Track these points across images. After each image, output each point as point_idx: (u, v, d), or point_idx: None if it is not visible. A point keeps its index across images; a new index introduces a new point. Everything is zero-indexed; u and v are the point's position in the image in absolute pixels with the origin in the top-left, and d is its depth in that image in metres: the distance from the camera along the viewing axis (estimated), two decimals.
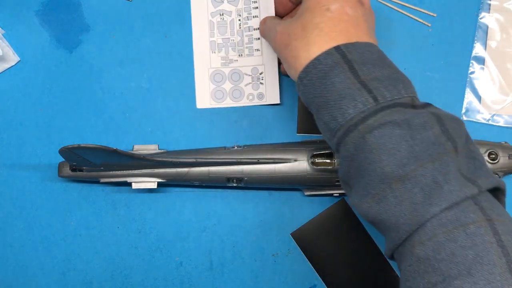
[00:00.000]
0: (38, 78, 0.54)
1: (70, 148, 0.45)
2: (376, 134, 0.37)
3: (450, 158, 0.36)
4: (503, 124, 0.54)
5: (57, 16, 0.54)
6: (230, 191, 0.54)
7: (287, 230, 0.54)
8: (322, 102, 0.39)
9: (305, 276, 0.54)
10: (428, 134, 0.36)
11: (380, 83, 0.38)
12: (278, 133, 0.54)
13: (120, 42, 0.54)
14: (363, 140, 0.37)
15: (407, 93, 0.39)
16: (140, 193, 0.54)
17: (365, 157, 0.37)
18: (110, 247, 0.54)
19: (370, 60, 0.39)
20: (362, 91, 0.38)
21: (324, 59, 0.39)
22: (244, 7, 0.53)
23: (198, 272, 0.54)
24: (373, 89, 0.38)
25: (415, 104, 0.39)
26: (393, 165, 0.36)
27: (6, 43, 0.53)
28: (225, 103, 0.54)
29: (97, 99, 0.54)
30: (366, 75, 0.38)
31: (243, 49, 0.54)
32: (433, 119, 0.37)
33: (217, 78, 0.54)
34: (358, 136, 0.37)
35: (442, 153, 0.36)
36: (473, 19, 0.54)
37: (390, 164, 0.36)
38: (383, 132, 0.37)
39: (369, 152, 0.37)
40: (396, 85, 0.38)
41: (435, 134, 0.37)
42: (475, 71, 0.54)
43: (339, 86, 0.38)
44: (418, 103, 0.39)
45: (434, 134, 0.37)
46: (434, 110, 0.39)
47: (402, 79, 0.39)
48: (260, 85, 0.54)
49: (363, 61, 0.39)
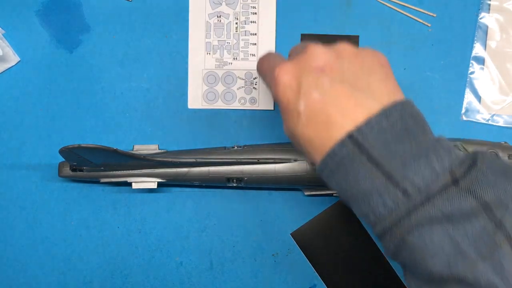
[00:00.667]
0: (38, 78, 0.54)
1: (70, 148, 0.45)
2: (415, 234, 0.33)
3: (503, 252, 0.31)
4: (503, 124, 0.54)
5: (57, 16, 0.54)
6: (230, 191, 0.54)
7: (287, 230, 0.54)
8: (349, 197, 0.35)
9: (305, 276, 0.54)
10: (473, 225, 0.31)
11: (407, 167, 0.33)
12: (278, 133, 0.54)
13: (120, 42, 0.54)
14: (403, 242, 0.33)
15: (442, 168, 0.33)
16: (140, 193, 0.54)
17: (409, 256, 0.34)
18: (110, 247, 0.54)
19: (392, 137, 0.33)
20: (387, 186, 0.33)
21: (339, 151, 0.34)
22: (242, 11, 0.53)
23: (198, 272, 0.54)
24: (400, 179, 0.33)
25: (456, 176, 0.33)
26: (439, 266, 0.32)
27: (6, 43, 0.53)
28: (216, 105, 0.54)
29: (97, 99, 0.54)
30: (390, 160, 0.33)
31: (238, 52, 0.54)
32: (477, 204, 0.32)
33: (210, 80, 0.54)
34: (397, 237, 0.33)
35: (493, 248, 0.31)
36: (473, 19, 0.54)
37: (436, 265, 0.32)
38: (422, 231, 0.32)
39: (411, 251, 0.33)
40: (429, 161, 0.33)
41: (481, 224, 0.31)
42: (475, 71, 0.54)
43: (362, 182, 0.34)
44: (459, 172, 0.33)
45: (480, 224, 0.31)
46: (481, 173, 0.33)
47: (434, 148, 0.34)
48: (253, 90, 0.54)
49: (384, 141, 0.33)
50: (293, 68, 0.37)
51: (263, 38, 0.54)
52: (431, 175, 0.33)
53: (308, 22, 0.54)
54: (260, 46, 0.54)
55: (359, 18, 0.54)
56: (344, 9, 0.54)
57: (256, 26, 0.53)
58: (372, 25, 0.54)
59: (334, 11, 0.54)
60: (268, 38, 0.54)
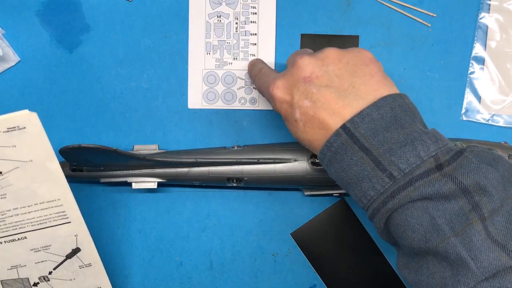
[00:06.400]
0: (38, 78, 0.54)
1: (70, 148, 0.45)
2: (399, 211, 0.37)
3: (474, 230, 0.34)
4: (503, 124, 0.54)
5: (57, 16, 0.54)
6: (230, 191, 0.54)
7: (287, 230, 0.54)
8: (344, 182, 0.39)
9: (305, 276, 0.54)
10: (451, 205, 0.35)
11: (393, 154, 0.37)
12: (278, 133, 0.54)
13: (120, 42, 0.54)
14: (389, 219, 0.38)
15: (427, 153, 0.36)
16: (140, 193, 0.54)
17: (395, 232, 0.38)
18: (110, 247, 0.54)
19: (381, 126, 0.37)
20: (376, 171, 0.37)
21: (334, 141, 0.38)
22: (242, 11, 0.53)
23: (198, 272, 0.54)
24: (387, 165, 0.37)
25: (440, 161, 0.36)
26: (418, 240, 0.36)
27: (6, 43, 0.53)
28: (216, 105, 0.54)
29: (97, 99, 0.54)
30: (378, 148, 0.37)
31: (238, 52, 0.54)
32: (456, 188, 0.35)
33: (210, 80, 0.54)
34: (384, 216, 0.38)
35: (465, 225, 0.34)
36: (473, 19, 0.54)
37: (415, 239, 0.36)
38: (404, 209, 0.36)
39: (396, 227, 0.37)
40: (414, 148, 0.36)
41: (459, 205, 0.35)
42: (475, 71, 0.54)
43: (355, 168, 0.38)
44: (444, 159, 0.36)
45: (458, 204, 0.35)
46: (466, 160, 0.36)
47: (420, 137, 0.37)
48: (253, 90, 0.54)
49: (374, 131, 0.37)
50: (284, 83, 0.42)
51: (263, 38, 0.54)
52: (416, 160, 0.36)
53: (308, 22, 0.54)
54: (260, 46, 0.54)
55: (359, 18, 0.54)
56: (344, 9, 0.54)
57: (256, 26, 0.53)
58: (372, 25, 0.54)
59: (334, 11, 0.54)
60: (268, 38, 0.54)
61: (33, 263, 0.46)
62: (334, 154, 0.39)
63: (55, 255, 0.46)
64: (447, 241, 0.34)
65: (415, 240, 0.36)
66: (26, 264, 0.46)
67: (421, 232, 0.36)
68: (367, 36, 0.54)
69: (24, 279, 0.47)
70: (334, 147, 0.38)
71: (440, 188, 0.35)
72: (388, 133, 0.37)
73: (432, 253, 0.35)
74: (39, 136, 0.40)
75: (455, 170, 0.35)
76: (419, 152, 0.36)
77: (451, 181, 0.35)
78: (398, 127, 0.37)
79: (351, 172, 0.38)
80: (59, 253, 0.46)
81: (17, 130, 0.39)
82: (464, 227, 0.34)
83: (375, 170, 0.37)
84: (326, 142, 0.39)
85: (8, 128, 0.39)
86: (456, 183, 0.35)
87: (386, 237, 0.40)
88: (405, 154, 0.36)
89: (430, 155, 0.36)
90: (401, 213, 0.36)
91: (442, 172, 0.36)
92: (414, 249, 0.37)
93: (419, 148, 0.36)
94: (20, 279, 0.47)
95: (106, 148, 0.45)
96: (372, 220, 0.39)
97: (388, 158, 0.37)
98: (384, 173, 0.37)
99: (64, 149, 0.45)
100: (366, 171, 0.37)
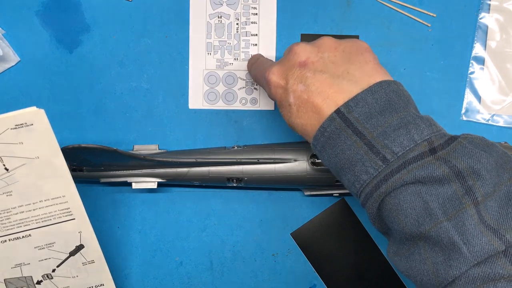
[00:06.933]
0: (38, 78, 0.54)
1: (70, 148, 0.45)
2: (392, 195, 0.36)
3: (467, 214, 0.34)
4: (503, 124, 0.54)
5: (57, 16, 0.54)
6: (230, 191, 0.54)
7: (287, 230, 0.54)
8: (338, 168, 0.39)
9: (305, 276, 0.54)
10: (445, 189, 0.35)
11: (387, 137, 0.36)
12: (278, 133, 0.54)
13: (120, 42, 0.54)
14: (382, 203, 0.37)
15: (421, 137, 0.36)
16: (140, 193, 0.54)
17: (387, 217, 0.37)
18: (110, 247, 0.54)
19: (375, 110, 0.37)
20: (369, 154, 0.37)
21: (328, 126, 0.38)
22: (243, 12, 0.53)
23: (198, 272, 0.54)
24: (380, 148, 0.36)
25: (434, 145, 0.36)
26: (410, 225, 0.36)
27: (6, 43, 0.53)
28: (217, 105, 0.54)
29: (97, 99, 0.54)
30: (372, 132, 0.37)
31: (239, 53, 0.54)
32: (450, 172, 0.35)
33: (211, 80, 0.54)
34: (377, 200, 0.37)
35: (458, 210, 0.34)
36: (473, 19, 0.54)
37: (408, 224, 0.36)
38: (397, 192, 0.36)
39: (389, 212, 0.37)
40: (408, 131, 0.36)
41: (453, 189, 0.35)
42: (475, 71, 0.54)
43: (348, 152, 0.38)
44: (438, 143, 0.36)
45: (452, 188, 0.35)
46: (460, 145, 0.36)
47: (414, 121, 0.37)
48: (254, 90, 0.54)
49: (368, 115, 0.37)
50: (280, 68, 0.42)
51: (263, 39, 0.54)
52: (409, 143, 0.36)
53: (308, 22, 0.54)
54: (261, 46, 0.54)
55: (359, 18, 0.54)
56: (344, 9, 0.54)
57: (256, 27, 0.53)
58: (372, 25, 0.54)
59: (334, 11, 0.54)
60: (268, 38, 0.54)
61: (37, 261, 0.46)
62: (328, 139, 0.39)
63: (59, 252, 0.46)
64: (440, 225, 0.34)
65: (407, 225, 0.36)
66: (30, 262, 0.46)
67: (413, 217, 0.35)
68: (367, 36, 0.54)
69: (27, 277, 0.47)
70: (327, 131, 0.38)
71: (433, 171, 0.35)
72: (382, 117, 0.37)
73: (424, 238, 0.35)
74: (46, 133, 0.41)
75: (448, 154, 0.35)
76: (413, 135, 0.36)
77: (444, 165, 0.35)
78: (392, 111, 0.37)
79: (344, 157, 0.38)
80: (63, 250, 0.46)
81: (25, 127, 0.40)
82: (457, 211, 0.34)
83: (369, 153, 0.37)
84: (320, 127, 0.39)
85: (16, 125, 0.40)
86: (449, 167, 0.35)
87: (378, 224, 0.39)
88: (399, 137, 0.36)
89: (424, 138, 0.36)
90: (394, 197, 0.36)
91: (435, 155, 0.35)
92: (406, 234, 0.36)
93: (413, 132, 0.36)
94: (23, 278, 0.47)
95: (106, 148, 0.45)
96: (364, 206, 0.39)
97: (382, 141, 0.36)
98: (378, 156, 0.36)
99: (64, 149, 0.45)
100: (359, 154, 0.37)
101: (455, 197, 0.34)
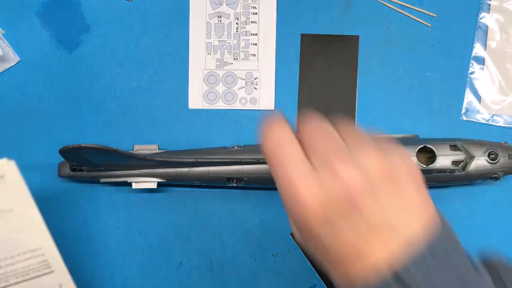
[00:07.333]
0: (38, 78, 0.54)
1: (70, 148, 0.45)
2: None
3: None
4: (502, 124, 0.54)
5: (57, 16, 0.54)
6: (230, 191, 0.54)
7: (287, 230, 0.54)
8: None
9: (305, 276, 0.54)
10: None
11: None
12: None
13: (120, 42, 0.54)
14: None
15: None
16: (140, 193, 0.54)
17: None
18: (110, 247, 0.54)
19: (434, 271, 0.30)
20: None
21: None
22: (242, 11, 0.53)
23: (198, 272, 0.54)
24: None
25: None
26: None
27: (6, 43, 0.53)
28: (217, 105, 0.54)
29: (97, 99, 0.54)
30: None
31: (239, 52, 0.54)
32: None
33: (211, 80, 0.54)
34: None
35: None
36: (473, 19, 0.54)
37: None
38: None
39: None
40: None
41: None
42: (475, 71, 0.54)
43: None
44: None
45: None
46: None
47: (476, 280, 0.31)
48: (254, 90, 0.54)
49: (426, 276, 0.30)
50: (317, 190, 0.32)
51: (263, 38, 0.54)
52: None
53: (308, 22, 0.54)
54: (261, 46, 0.54)
55: (359, 18, 0.54)
56: (344, 9, 0.54)
57: (256, 26, 0.53)
58: (372, 25, 0.54)
59: (334, 11, 0.54)
60: (268, 38, 0.54)
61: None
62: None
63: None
64: None
65: None
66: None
67: None
68: (367, 36, 0.54)
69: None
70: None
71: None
72: (441, 276, 0.30)
73: None
74: (17, 183, 0.40)
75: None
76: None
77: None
78: (451, 266, 0.31)
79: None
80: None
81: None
82: None
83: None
84: None
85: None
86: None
87: None
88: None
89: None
90: None
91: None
92: None
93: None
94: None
95: (106, 148, 0.45)
96: None
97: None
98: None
99: (64, 149, 0.45)
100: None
101: None
